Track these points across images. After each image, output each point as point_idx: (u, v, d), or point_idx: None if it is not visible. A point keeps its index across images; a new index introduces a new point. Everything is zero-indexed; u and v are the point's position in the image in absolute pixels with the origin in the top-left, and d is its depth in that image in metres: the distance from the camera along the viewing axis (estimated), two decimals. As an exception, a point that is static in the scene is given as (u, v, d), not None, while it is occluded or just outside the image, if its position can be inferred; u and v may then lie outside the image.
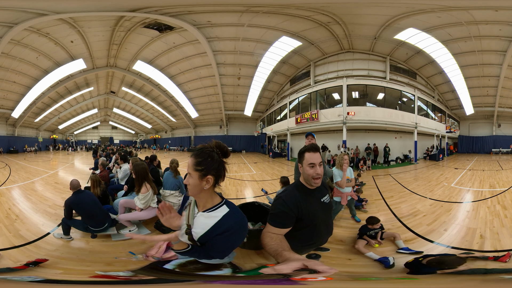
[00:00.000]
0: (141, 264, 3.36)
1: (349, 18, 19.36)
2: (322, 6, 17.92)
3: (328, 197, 3.86)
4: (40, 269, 4.45)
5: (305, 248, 3.81)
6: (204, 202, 2.84)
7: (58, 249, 6.19)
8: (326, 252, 5.84)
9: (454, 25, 18.89)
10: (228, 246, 2.81)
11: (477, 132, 32.69)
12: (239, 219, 2.80)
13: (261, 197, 11.18)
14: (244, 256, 5.24)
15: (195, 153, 2.76)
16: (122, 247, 6.41)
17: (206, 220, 2.77)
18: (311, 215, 3.48)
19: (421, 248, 6.12)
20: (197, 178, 2.69)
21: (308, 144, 4.09)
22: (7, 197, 11.27)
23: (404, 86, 25.38)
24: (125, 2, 18.72)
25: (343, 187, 7.36)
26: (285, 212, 3.36)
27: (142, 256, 3.72)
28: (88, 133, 63.48)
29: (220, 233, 2.69)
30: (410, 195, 11.97)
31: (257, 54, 24.94)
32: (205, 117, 38.23)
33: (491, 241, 6.30)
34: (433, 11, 17.47)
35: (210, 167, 2.70)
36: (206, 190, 2.76)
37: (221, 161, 2.81)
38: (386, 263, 5.24)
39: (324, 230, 3.89)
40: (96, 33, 23.05)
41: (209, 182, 2.71)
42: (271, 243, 3.15)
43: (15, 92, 30.35)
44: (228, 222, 2.72)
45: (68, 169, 22.13)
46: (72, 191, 6.81)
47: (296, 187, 3.64)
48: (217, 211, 2.78)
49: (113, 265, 5.55)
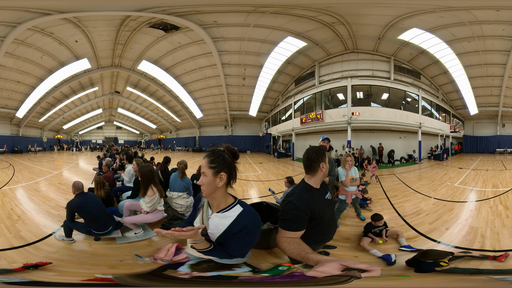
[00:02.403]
0: (149, 267, 3.36)
1: (353, 19, 19.40)
2: (327, 7, 17.95)
3: (329, 194, 3.96)
4: (31, 271, 4.31)
5: (315, 246, 3.87)
6: (218, 202, 2.91)
7: (59, 251, 6.05)
8: (333, 249, 5.98)
9: (457, 25, 18.92)
10: (247, 244, 2.89)
11: (481, 132, 32.68)
12: (254, 218, 2.86)
13: (267, 197, 11.25)
14: (257, 257, 5.24)
15: (208, 154, 2.86)
16: (127, 250, 6.26)
17: (221, 220, 2.85)
18: (321, 214, 3.58)
19: (423, 246, 6.22)
20: (211, 175, 2.77)
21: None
22: (10, 197, 11.18)
23: (408, 86, 25.40)
24: (133, 2, 18.76)
25: (348, 186, 7.50)
26: (299, 216, 3.42)
27: (150, 259, 3.63)
28: (93, 133, 63.63)
29: (237, 232, 2.76)
30: (414, 194, 12.02)
31: (262, 54, 25.00)
32: (210, 117, 38.30)
33: (491, 241, 6.38)
34: (434, 11, 17.50)
35: (223, 165, 2.80)
36: (220, 190, 2.84)
37: (232, 161, 2.91)
38: (388, 260, 5.39)
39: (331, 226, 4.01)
40: (101, 32, 23.13)
41: (222, 179, 2.79)
42: (290, 247, 3.22)
43: (20, 92, 30.46)
44: (244, 220, 2.80)
45: (73, 170, 22.10)
46: (75, 193, 6.57)
47: (304, 189, 3.69)
48: (232, 210, 2.86)
49: (118, 268, 5.27)
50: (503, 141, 31.42)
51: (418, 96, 25.56)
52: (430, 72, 26.37)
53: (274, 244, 5.55)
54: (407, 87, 25.32)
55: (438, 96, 28.56)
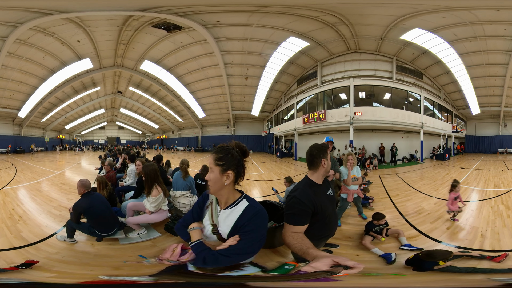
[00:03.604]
0: (155, 268, 3.35)
1: (356, 19, 19.45)
2: (330, 7, 17.99)
3: (331, 190, 4.03)
4: (29, 272, 4.21)
5: (318, 242, 3.93)
6: (226, 199, 2.89)
7: (60, 252, 5.97)
8: (336, 248, 6.04)
9: (459, 25, 18.94)
10: (257, 239, 2.82)
11: (483, 132, 32.61)
12: (259, 210, 2.85)
13: (270, 196, 11.29)
14: (263, 256, 5.22)
15: (216, 150, 2.82)
16: (131, 251, 6.20)
17: (230, 216, 2.84)
18: (323, 209, 3.65)
19: (423, 245, 6.26)
20: (218, 173, 2.75)
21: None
22: (11, 197, 11.08)
23: (411, 86, 25.41)
24: (135, 2, 18.79)
25: (349, 185, 7.54)
26: (302, 210, 3.51)
27: (155, 259, 3.60)
28: (95, 133, 63.72)
29: (245, 228, 2.73)
30: (416, 193, 12.04)
31: (265, 54, 25.03)
32: (212, 117, 38.33)
33: (491, 241, 6.41)
34: (436, 11, 17.53)
35: (230, 163, 2.76)
36: (227, 187, 2.81)
37: (241, 159, 2.86)
38: (388, 259, 5.44)
39: (333, 222, 4.08)
40: (103, 32, 23.21)
41: (229, 177, 2.76)
42: (294, 242, 3.29)
43: (22, 92, 30.59)
44: (249, 214, 2.79)
45: (75, 170, 22.07)
46: (82, 193, 6.39)
47: (307, 184, 3.79)
48: (239, 205, 2.86)
49: (122, 269, 4.94)
50: (505, 141, 31.34)
51: (420, 96, 25.56)
52: (432, 72, 26.40)
53: (278, 242, 5.63)
54: (409, 87, 25.33)
55: (440, 96, 28.55)
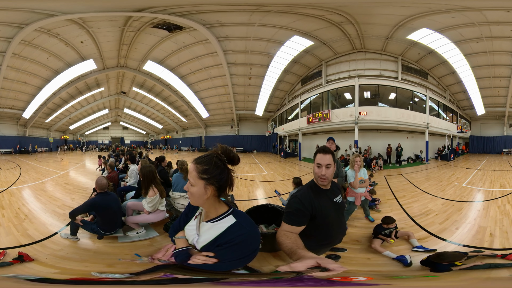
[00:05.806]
0: (145, 266, 3.40)
1: (363, 18, 19.33)
2: (338, 6, 17.90)
3: (340, 197, 4.01)
4: (35, 267, 4.42)
5: (320, 248, 3.93)
6: (207, 212, 2.72)
7: (63, 249, 6.22)
8: (343, 252, 5.92)
9: (466, 26, 18.83)
10: (234, 258, 2.53)
11: (488, 132, 32.46)
12: (247, 231, 2.57)
13: (273, 198, 11.22)
14: (260, 260, 5.29)
15: (201, 160, 2.56)
16: (128, 249, 6.40)
17: (210, 230, 2.64)
18: (323, 214, 3.64)
19: (435, 246, 6.23)
20: (202, 187, 2.52)
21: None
22: (17, 197, 11.37)
23: (416, 86, 25.32)
24: (129, 2, 18.78)
25: (356, 188, 7.42)
26: (300, 210, 3.51)
27: (148, 258, 3.70)
28: (99, 134, 63.80)
29: (223, 243, 2.52)
30: (422, 194, 11.99)
31: (268, 54, 24.96)
32: (216, 117, 38.25)
33: (500, 239, 6.44)
34: (448, 11, 17.42)
35: (212, 175, 2.52)
36: (208, 200, 2.59)
37: (225, 168, 2.60)
38: (404, 261, 5.38)
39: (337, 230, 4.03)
40: (106, 33, 23.25)
41: (207, 192, 2.52)
42: (286, 241, 3.24)
43: (26, 92, 30.59)
44: (235, 233, 2.53)
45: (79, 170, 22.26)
46: (98, 192, 6.60)
47: (310, 187, 3.83)
48: (222, 221, 2.62)
49: (114, 267, 5.54)
50: (509, 142, 31.20)
51: (425, 96, 25.49)
52: (437, 72, 26.27)
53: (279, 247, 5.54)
54: (414, 87, 25.25)
55: (446, 97, 28.44)
